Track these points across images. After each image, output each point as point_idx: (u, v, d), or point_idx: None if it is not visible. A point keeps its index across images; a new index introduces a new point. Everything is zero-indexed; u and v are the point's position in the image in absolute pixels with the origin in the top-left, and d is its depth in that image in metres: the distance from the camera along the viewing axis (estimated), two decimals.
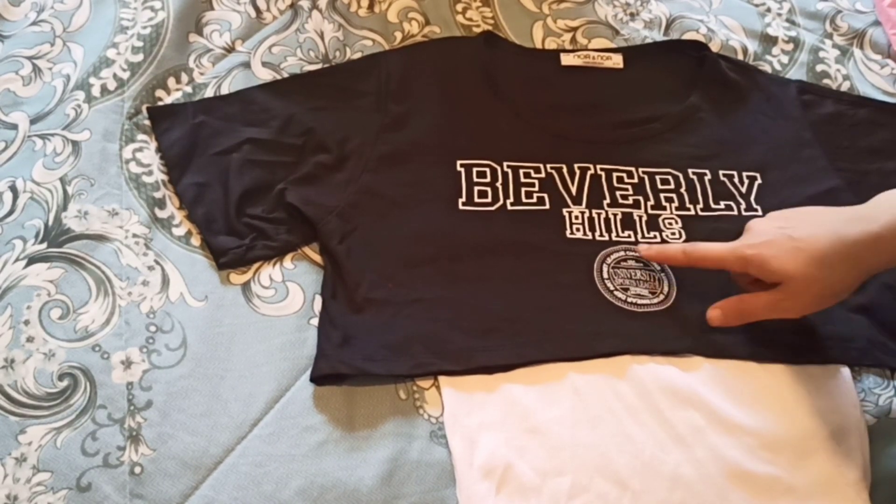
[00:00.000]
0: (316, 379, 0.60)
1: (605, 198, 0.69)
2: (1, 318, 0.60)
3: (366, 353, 0.60)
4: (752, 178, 0.72)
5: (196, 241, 0.66)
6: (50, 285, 0.62)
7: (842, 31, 0.86)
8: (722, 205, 0.70)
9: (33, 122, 0.70)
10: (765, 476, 0.57)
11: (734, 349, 0.62)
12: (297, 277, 0.65)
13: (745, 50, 0.83)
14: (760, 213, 0.69)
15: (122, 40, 0.75)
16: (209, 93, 0.74)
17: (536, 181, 0.69)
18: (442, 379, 0.61)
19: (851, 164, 0.73)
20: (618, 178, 0.71)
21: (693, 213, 0.69)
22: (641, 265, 0.66)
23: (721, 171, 0.72)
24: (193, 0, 0.78)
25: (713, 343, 0.62)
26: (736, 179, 0.71)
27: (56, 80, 0.72)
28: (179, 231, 0.66)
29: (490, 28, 0.82)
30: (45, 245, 0.63)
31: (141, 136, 0.71)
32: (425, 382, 0.61)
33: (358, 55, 0.78)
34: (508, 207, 0.68)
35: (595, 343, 0.61)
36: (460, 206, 0.67)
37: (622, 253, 0.66)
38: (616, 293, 0.64)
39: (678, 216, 0.69)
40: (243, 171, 0.68)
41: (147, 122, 0.71)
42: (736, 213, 0.69)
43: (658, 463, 0.57)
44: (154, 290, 0.63)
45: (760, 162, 0.73)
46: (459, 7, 0.83)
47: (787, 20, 0.86)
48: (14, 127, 0.70)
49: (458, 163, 0.70)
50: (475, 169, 0.69)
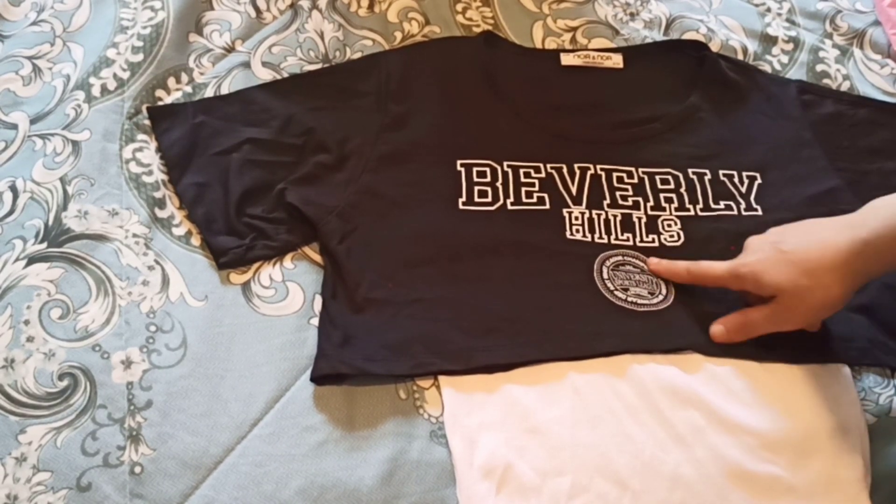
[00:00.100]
0: (316, 379, 0.60)
1: (605, 198, 0.69)
2: (1, 317, 0.60)
3: (366, 353, 0.60)
4: (752, 178, 0.72)
5: (196, 240, 0.66)
6: (50, 285, 0.62)
7: (842, 30, 0.86)
8: (722, 205, 0.70)
9: (33, 121, 0.70)
10: (765, 476, 0.57)
11: (734, 349, 0.62)
12: (297, 277, 0.65)
13: (745, 50, 0.83)
14: (760, 213, 0.69)
15: (122, 40, 0.75)
16: (209, 93, 0.74)
17: (536, 181, 0.69)
18: (442, 379, 0.61)
19: (851, 163, 0.73)
20: (618, 178, 0.71)
21: (693, 213, 0.69)
22: (639, 269, 0.66)
23: (721, 171, 0.72)
24: (193, 0, 0.78)
25: (713, 343, 0.62)
26: (736, 179, 0.71)
27: (56, 80, 0.72)
28: (179, 231, 0.66)
29: (490, 28, 0.82)
30: (45, 245, 0.63)
31: (141, 136, 0.71)
32: (425, 382, 0.61)
33: (358, 55, 0.78)
34: (508, 207, 0.68)
35: (595, 343, 0.61)
36: (460, 206, 0.67)
37: (620, 257, 0.66)
38: (616, 293, 0.64)
39: (677, 217, 0.69)
40: (243, 171, 0.68)
41: (147, 122, 0.71)
42: (736, 213, 0.69)
43: (658, 463, 0.57)
44: (154, 290, 0.63)
45: (760, 162, 0.73)
46: (459, 7, 0.84)
47: (787, 20, 0.86)
48: (14, 127, 0.70)
49: (459, 162, 0.70)
50: (475, 169, 0.69)
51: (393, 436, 0.59)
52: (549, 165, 0.70)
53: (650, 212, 0.69)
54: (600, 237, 0.67)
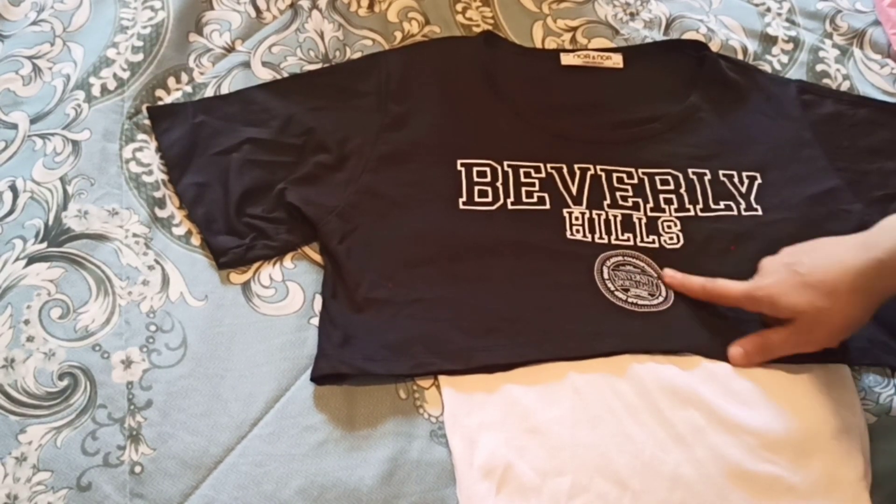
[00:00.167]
0: (316, 378, 0.60)
1: (605, 198, 0.69)
2: (1, 317, 0.60)
3: (366, 353, 0.60)
4: (752, 178, 0.72)
5: (196, 240, 0.66)
6: (50, 285, 0.62)
7: (842, 30, 0.86)
8: (722, 205, 0.70)
9: (33, 121, 0.70)
10: (765, 476, 0.57)
11: None
12: (297, 277, 0.65)
13: (745, 50, 0.83)
14: (760, 213, 0.69)
15: (122, 40, 0.75)
16: (209, 92, 0.74)
17: (537, 181, 0.69)
18: (442, 379, 0.61)
19: (851, 163, 0.73)
20: (618, 178, 0.71)
21: (693, 213, 0.69)
22: (640, 270, 0.66)
23: (721, 171, 0.72)
24: (193, 0, 0.78)
25: (713, 343, 0.62)
26: (736, 179, 0.71)
27: (56, 80, 0.72)
28: (179, 231, 0.66)
29: (490, 28, 0.82)
30: (45, 245, 0.63)
31: (141, 136, 0.71)
32: (425, 382, 0.61)
33: (358, 55, 0.78)
34: (509, 207, 0.67)
35: (595, 342, 0.61)
36: (461, 206, 0.67)
37: (621, 258, 0.66)
38: (617, 293, 0.64)
39: (677, 218, 0.69)
40: (243, 170, 0.68)
41: (147, 122, 0.71)
42: (736, 213, 0.69)
43: (658, 463, 0.57)
44: (154, 290, 0.63)
45: (760, 162, 0.73)
46: (459, 7, 0.84)
47: (787, 20, 0.86)
48: (14, 126, 0.70)
49: (459, 162, 0.70)
50: (475, 168, 0.69)
51: (393, 435, 0.58)
52: (549, 165, 0.70)
53: (650, 213, 0.69)
54: (600, 237, 0.67)
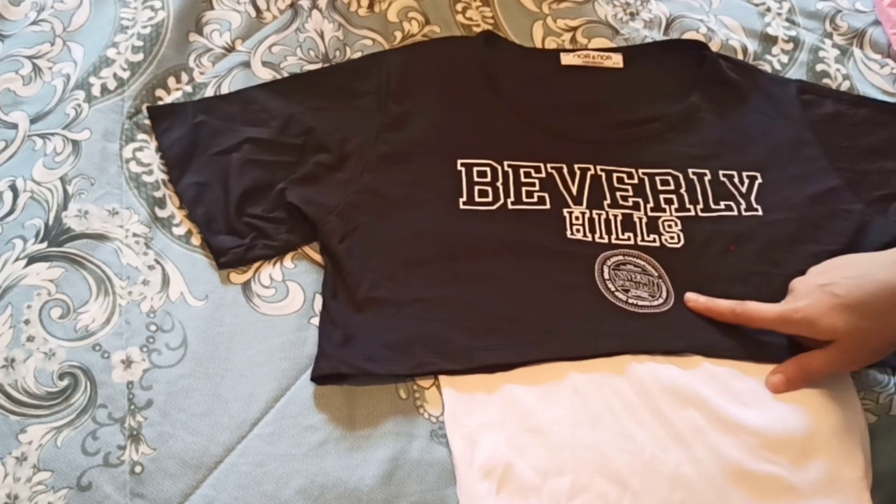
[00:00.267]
0: (316, 378, 0.60)
1: (605, 198, 0.69)
2: (1, 317, 0.60)
3: (367, 353, 0.60)
4: (753, 178, 0.72)
5: (196, 240, 0.66)
6: (50, 284, 0.62)
7: (842, 30, 0.86)
8: (722, 205, 0.70)
9: (33, 121, 0.70)
10: (765, 475, 0.57)
11: (734, 349, 0.62)
12: (297, 277, 0.65)
13: (745, 50, 0.83)
14: (760, 213, 0.69)
15: (122, 40, 0.75)
16: (209, 92, 0.74)
17: (537, 181, 0.69)
18: (442, 378, 0.61)
19: (851, 163, 0.73)
20: (618, 178, 0.71)
21: (693, 213, 0.69)
22: (640, 269, 0.66)
23: (721, 171, 0.72)
24: (193, 0, 0.78)
25: (713, 344, 0.62)
26: (736, 179, 0.71)
27: (56, 80, 0.72)
28: (180, 230, 0.66)
29: (490, 28, 0.82)
30: (45, 244, 0.63)
31: (141, 136, 0.71)
32: (426, 382, 0.61)
33: (358, 55, 0.78)
34: (509, 207, 0.67)
35: (596, 342, 0.61)
36: (461, 206, 0.67)
37: (621, 257, 0.66)
38: (617, 294, 0.64)
39: (678, 218, 0.69)
40: (243, 170, 0.68)
41: (147, 122, 0.71)
42: (736, 213, 0.69)
43: (658, 462, 0.57)
44: (154, 290, 0.63)
45: (760, 162, 0.73)
46: (459, 7, 0.84)
47: (787, 20, 0.86)
48: (14, 126, 0.70)
49: (459, 162, 0.70)
50: (475, 168, 0.69)
51: (393, 435, 0.58)
52: (549, 165, 0.70)
53: (650, 212, 0.69)
54: (601, 237, 0.67)
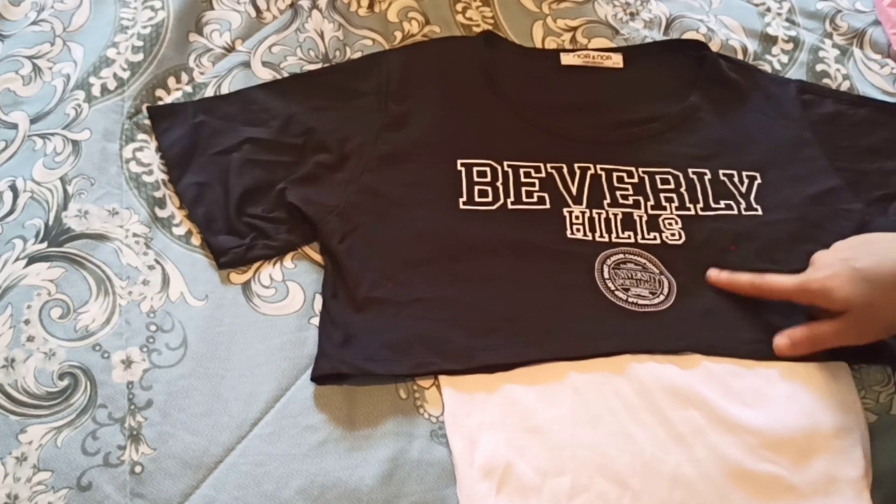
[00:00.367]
0: (316, 378, 0.60)
1: (605, 198, 0.69)
2: (1, 317, 0.60)
3: (367, 353, 0.60)
4: (752, 178, 0.72)
5: (196, 240, 0.66)
6: (50, 285, 0.62)
7: (841, 30, 0.86)
8: (722, 204, 0.70)
9: (33, 121, 0.70)
10: (765, 475, 0.57)
11: (734, 348, 0.62)
12: (297, 277, 0.65)
13: (745, 49, 0.83)
14: (760, 213, 0.69)
15: (122, 40, 0.75)
16: (209, 92, 0.74)
17: (537, 181, 0.69)
18: (442, 378, 0.61)
19: (851, 163, 0.73)
20: (618, 177, 0.71)
21: (693, 212, 0.69)
22: (641, 267, 0.66)
23: (721, 171, 0.72)
24: (193, 0, 0.78)
25: (713, 342, 0.62)
26: (736, 179, 0.71)
27: (56, 80, 0.72)
28: (180, 230, 0.66)
29: (490, 28, 0.82)
30: (45, 244, 0.63)
31: (141, 136, 0.71)
32: (426, 382, 0.61)
33: (358, 55, 0.78)
34: (509, 207, 0.67)
35: (596, 342, 0.61)
36: (461, 206, 0.67)
37: (622, 255, 0.66)
38: (617, 293, 0.64)
39: (678, 216, 0.69)
40: (243, 170, 0.68)
41: (147, 122, 0.71)
42: (736, 212, 0.69)
43: (658, 462, 0.57)
44: (154, 290, 0.63)
45: (760, 161, 0.73)
46: (459, 7, 0.84)
47: (787, 20, 0.86)
48: (14, 126, 0.70)
49: (459, 162, 0.70)
50: (475, 168, 0.69)
51: (393, 435, 0.58)
52: (549, 165, 0.70)
53: (651, 211, 0.69)
54: (601, 236, 0.67)
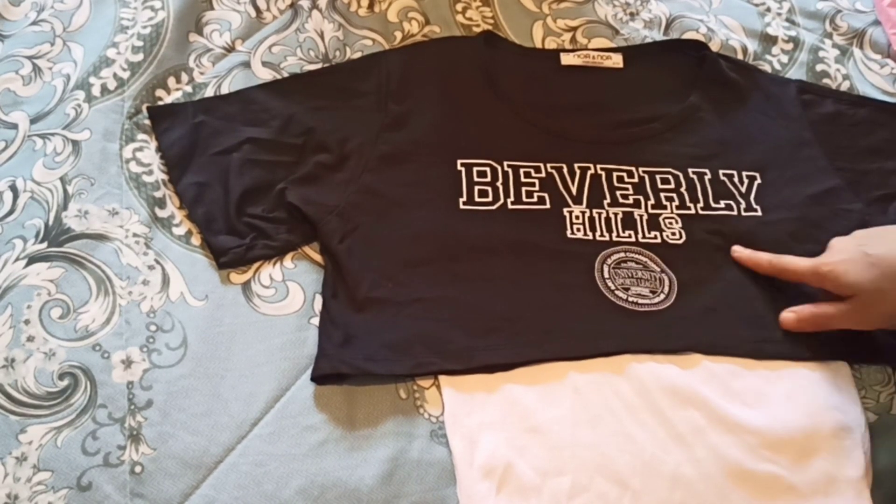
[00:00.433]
0: (316, 378, 0.60)
1: (605, 197, 0.69)
2: (1, 317, 0.60)
3: (367, 353, 0.60)
4: (752, 178, 0.72)
5: (196, 240, 0.66)
6: (50, 285, 0.62)
7: (841, 30, 0.86)
8: (722, 204, 0.70)
9: (33, 121, 0.70)
10: (765, 475, 0.57)
11: (734, 348, 0.62)
12: (297, 277, 0.65)
13: (745, 49, 0.83)
14: (760, 213, 0.69)
15: (122, 40, 0.75)
16: (209, 92, 0.74)
17: (537, 181, 0.69)
18: (442, 379, 0.61)
19: (851, 163, 0.73)
20: (618, 177, 0.71)
21: (693, 212, 0.69)
22: (642, 265, 0.66)
23: (721, 171, 0.72)
24: (193, 0, 0.78)
25: (714, 341, 0.62)
26: (736, 179, 0.71)
27: (56, 80, 0.72)
28: (180, 230, 0.66)
29: (490, 28, 0.82)
30: (45, 244, 0.63)
31: (141, 136, 0.71)
32: (426, 382, 0.61)
33: (358, 55, 0.78)
34: (509, 207, 0.67)
35: (596, 342, 0.61)
36: (461, 206, 0.67)
37: (623, 254, 0.66)
38: (617, 293, 0.64)
39: (678, 215, 0.69)
40: (243, 170, 0.68)
41: (147, 122, 0.71)
42: (736, 212, 0.69)
43: (658, 462, 0.57)
44: (154, 290, 0.63)
45: (760, 161, 0.73)
46: (459, 7, 0.84)
47: (787, 20, 0.86)
48: (14, 126, 0.70)
49: (459, 162, 0.70)
50: (475, 168, 0.69)
51: (393, 435, 0.58)
52: (549, 165, 0.70)
53: (651, 210, 0.69)
54: (601, 235, 0.67)
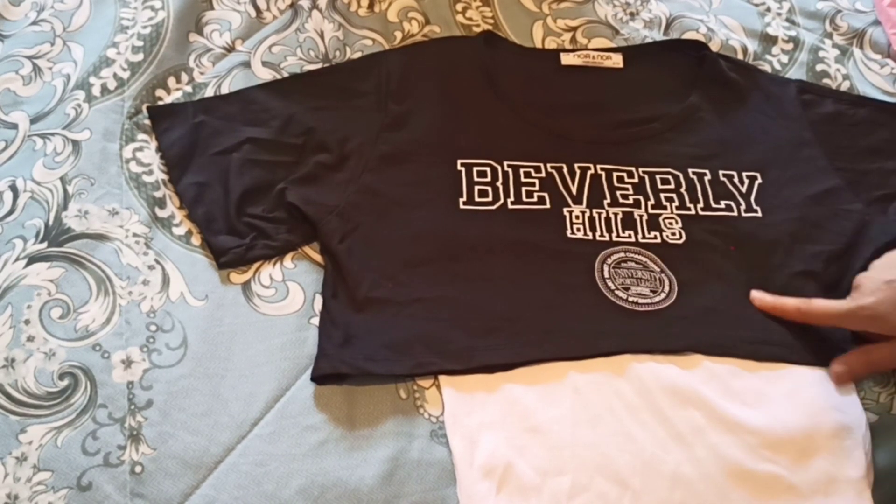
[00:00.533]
0: (316, 378, 0.60)
1: (605, 197, 0.69)
2: (1, 317, 0.60)
3: (367, 353, 0.60)
4: (752, 178, 0.72)
5: (196, 240, 0.66)
6: (50, 285, 0.62)
7: (841, 30, 0.86)
8: (722, 204, 0.70)
9: (33, 121, 0.70)
10: (766, 475, 0.57)
11: (734, 348, 0.62)
12: (297, 277, 0.65)
13: (745, 49, 0.83)
14: (760, 214, 0.69)
15: (123, 40, 0.75)
16: (209, 92, 0.74)
17: (537, 181, 0.69)
18: (442, 378, 0.61)
19: (851, 163, 0.73)
20: (618, 177, 0.71)
21: (693, 212, 0.69)
22: (642, 265, 0.66)
23: (721, 171, 0.72)
24: (193, 0, 0.78)
25: (714, 341, 0.62)
26: (736, 179, 0.71)
27: (56, 80, 0.72)
28: (180, 230, 0.66)
29: (490, 28, 0.82)
30: (45, 244, 0.63)
31: (141, 136, 0.71)
32: (426, 382, 0.61)
33: (358, 55, 0.78)
34: (509, 207, 0.67)
35: (596, 342, 0.61)
36: (461, 206, 0.67)
37: (623, 254, 0.66)
38: (617, 292, 0.64)
39: (678, 216, 0.69)
40: (243, 170, 0.68)
41: (147, 122, 0.71)
42: (736, 213, 0.69)
43: (658, 462, 0.57)
44: (154, 290, 0.63)
45: (760, 162, 0.73)
46: (459, 7, 0.84)
47: (787, 20, 0.86)
48: (14, 126, 0.70)
49: (459, 162, 0.70)
50: (475, 168, 0.69)
51: (393, 435, 0.58)
52: (549, 165, 0.70)
53: (651, 210, 0.69)
54: (601, 235, 0.67)
